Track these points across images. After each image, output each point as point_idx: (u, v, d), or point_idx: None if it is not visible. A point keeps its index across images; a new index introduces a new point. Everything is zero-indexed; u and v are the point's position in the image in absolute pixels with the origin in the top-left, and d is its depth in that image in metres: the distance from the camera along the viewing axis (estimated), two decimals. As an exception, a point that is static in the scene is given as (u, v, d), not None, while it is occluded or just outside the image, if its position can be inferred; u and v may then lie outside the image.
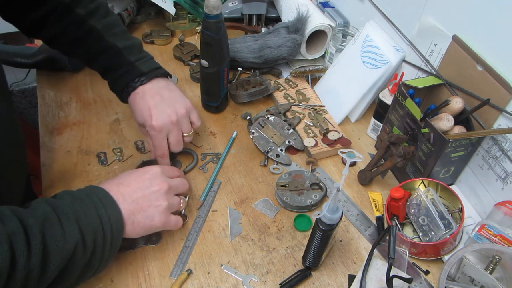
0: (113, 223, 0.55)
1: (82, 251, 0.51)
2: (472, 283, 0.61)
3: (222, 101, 0.91)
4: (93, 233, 0.52)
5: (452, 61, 0.71)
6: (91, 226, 0.52)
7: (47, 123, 0.88)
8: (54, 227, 0.49)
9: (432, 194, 0.69)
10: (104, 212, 0.55)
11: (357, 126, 0.91)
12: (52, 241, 0.48)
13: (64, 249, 0.49)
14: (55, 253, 0.48)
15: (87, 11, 0.72)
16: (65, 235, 0.49)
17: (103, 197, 0.57)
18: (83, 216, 0.52)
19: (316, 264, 0.65)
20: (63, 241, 0.49)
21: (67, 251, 0.49)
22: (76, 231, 0.50)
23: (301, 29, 0.95)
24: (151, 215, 0.60)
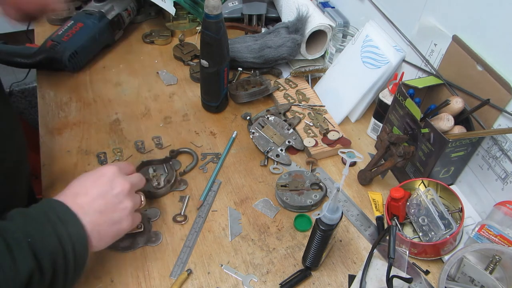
0: (75, 241, 0.49)
1: (39, 279, 0.45)
2: (472, 283, 0.61)
3: (222, 101, 0.91)
4: (52, 256, 0.47)
5: (452, 61, 0.71)
6: (49, 249, 0.46)
7: (47, 123, 0.88)
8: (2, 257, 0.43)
9: (432, 194, 0.69)
10: (64, 230, 0.49)
11: (357, 126, 0.91)
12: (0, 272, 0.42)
13: (15, 281, 0.43)
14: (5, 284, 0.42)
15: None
16: (15, 264, 0.43)
17: (61, 213, 0.50)
18: (38, 239, 0.46)
19: (316, 264, 0.65)
20: (13, 272, 0.43)
21: (19, 282, 0.43)
22: (30, 258, 0.44)
23: (301, 29, 0.95)
24: (118, 220, 0.55)
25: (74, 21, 1.01)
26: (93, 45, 1.02)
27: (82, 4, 1.16)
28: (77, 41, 0.97)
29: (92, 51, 1.03)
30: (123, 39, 1.12)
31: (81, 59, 0.99)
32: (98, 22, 1.02)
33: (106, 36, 1.04)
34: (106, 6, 1.05)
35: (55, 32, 0.99)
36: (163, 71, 1.02)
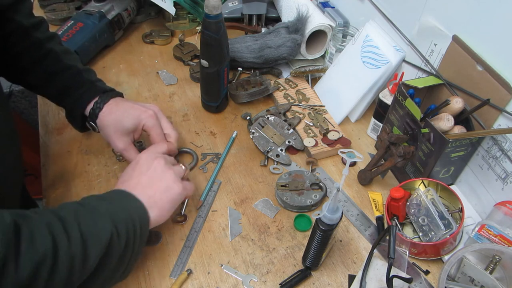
0: (139, 213, 0.57)
1: (117, 240, 0.52)
2: (472, 283, 0.61)
3: (222, 101, 0.91)
4: (125, 223, 0.54)
5: (452, 61, 0.71)
6: (121, 217, 0.54)
7: (47, 123, 0.88)
8: (87, 218, 0.51)
9: (432, 194, 0.69)
10: (129, 205, 0.57)
11: (357, 126, 0.91)
12: (88, 230, 0.49)
13: (100, 237, 0.50)
14: (93, 240, 0.49)
15: (45, 36, 0.74)
16: (98, 224, 0.51)
17: (121, 193, 0.59)
18: (111, 208, 0.54)
19: (316, 264, 0.65)
20: (98, 229, 0.50)
21: (104, 239, 0.50)
22: (108, 221, 0.52)
23: (301, 29, 0.95)
24: (167, 187, 0.62)
25: (74, 21, 1.02)
26: (93, 45, 1.02)
27: (82, 4, 1.17)
28: (77, 41, 0.97)
29: (92, 51, 1.03)
30: (123, 39, 1.12)
31: (81, 59, 0.98)
32: (98, 22, 1.02)
33: (106, 36, 1.04)
34: (106, 6, 1.05)
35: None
36: (163, 71, 1.02)
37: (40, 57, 0.72)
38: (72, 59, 0.76)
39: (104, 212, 0.53)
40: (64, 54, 0.75)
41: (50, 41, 0.74)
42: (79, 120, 0.75)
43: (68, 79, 0.73)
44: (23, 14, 0.71)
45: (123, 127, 0.71)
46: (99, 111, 0.71)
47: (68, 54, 0.76)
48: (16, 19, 0.69)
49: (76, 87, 0.73)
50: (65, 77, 0.73)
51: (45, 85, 0.75)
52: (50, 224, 0.46)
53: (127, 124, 0.71)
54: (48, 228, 0.45)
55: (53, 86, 0.74)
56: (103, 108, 0.71)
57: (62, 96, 0.75)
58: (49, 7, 1.16)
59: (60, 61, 0.73)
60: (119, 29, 1.09)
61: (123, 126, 0.71)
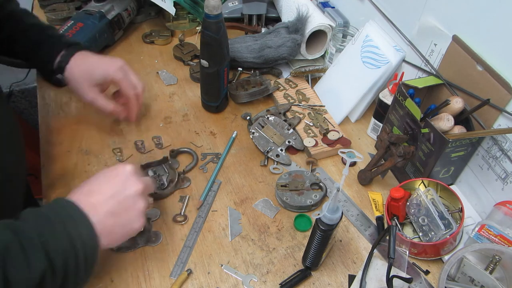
0: (86, 241, 0.49)
1: (51, 279, 0.46)
2: (472, 283, 0.61)
3: (222, 101, 0.91)
4: (63, 256, 0.47)
5: (452, 61, 0.71)
6: (61, 249, 0.47)
7: (47, 123, 0.88)
8: (16, 256, 0.44)
9: (432, 194, 0.69)
10: (75, 231, 0.49)
11: (357, 126, 0.91)
12: (15, 273, 0.43)
13: (28, 279, 0.44)
14: (18, 284, 0.43)
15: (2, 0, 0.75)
16: (29, 264, 0.44)
17: (73, 213, 0.50)
18: (50, 239, 0.47)
19: (316, 264, 0.65)
20: (27, 271, 0.44)
21: (32, 281, 0.44)
22: (42, 258, 0.45)
23: (301, 29, 0.95)
24: (130, 221, 0.55)
25: (74, 21, 1.01)
26: (93, 45, 1.01)
27: (82, 4, 1.16)
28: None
29: (92, 51, 1.01)
30: (123, 39, 1.12)
31: (81, 59, 0.99)
32: (98, 22, 1.02)
33: (106, 36, 1.04)
34: (106, 6, 1.05)
35: (55, 32, 0.99)
36: (163, 71, 1.02)
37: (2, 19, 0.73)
38: (33, 17, 0.77)
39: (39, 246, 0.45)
40: (25, 14, 0.76)
41: (9, 3, 0.75)
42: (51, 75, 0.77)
43: (32, 37, 0.75)
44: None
45: (92, 79, 0.73)
46: (66, 64, 0.73)
47: (29, 14, 0.77)
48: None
49: (42, 42, 0.74)
50: (30, 36, 0.74)
51: (12, 46, 0.76)
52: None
53: (96, 76, 0.73)
54: None
55: (20, 47, 0.75)
56: (70, 61, 0.73)
57: (31, 55, 0.76)
58: (49, 7, 1.16)
59: (23, 22, 0.75)
60: (119, 29, 1.09)
61: (92, 78, 0.73)
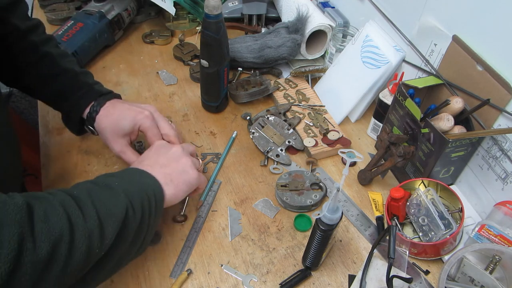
0: (154, 189, 0.58)
1: (133, 215, 0.53)
2: (472, 283, 0.61)
3: (222, 101, 0.91)
4: (139, 198, 0.54)
5: (452, 61, 0.71)
6: (136, 192, 0.55)
7: (47, 123, 0.88)
8: (101, 195, 0.51)
9: (432, 194, 0.69)
10: (143, 180, 0.58)
11: (357, 126, 0.91)
12: (103, 206, 0.50)
13: (116, 213, 0.50)
14: (108, 216, 0.49)
15: (41, 39, 0.74)
16: (113, 201, 0.51)
17: (136, 171, 0.60)
18: (126, 185, 0.55)
19: (316, 264, 0.65)
20: (113, 206, 0.51)
21: (119, 215, 0.51)
22: (123, 196, 0.52)
23: (301, 29, 0.95)
24: (183, 169, 0.63)
25: (74, 21, 1.02)
26: (93, 45, 1.02)
27: (82, 4, 1.17)
28: (77, 41, 0.97)
29: (92, 51, 1.03)
30: (123, 39, 1.12)
31: (81, 59, 0.99)
32: (98, 22, 1.02)
33: (106, 36, 1.04)
34: (106, 6, 1.05)
35: (55, 32, 0.99)
36: (163, 71, 1.02)
37: (35, 60, 0.72)
38: (69, 62, 0.75)
39: (117, 188, 0.53)
40: (61, 57, 0.75)
41: (46, 44, 0.74)
42: (77, 123, 0.75)
43: (65, 82, 0.73)
44: (19, 17, 0.71)
45: (120, 129, 0.71)
46: (96, 114, 0.72)
47: (65, 57, 0.75)
48: (11, 22, 0.69)
49: (73, 90, 0.73)
50: (62, 80, 0.73)
51: (41, 88, 0.74)
52: (64, 203, 0.47)
53: (123, 126, 0.71)
54: (62, 207, 0.46)
55: (49, 89, 0.74)
56: (100, 111, 0.72)
57: (59, 100, 0.75)
58: (49, 7, 1.16)
59: (57, 64, 0.73)
60: (119, 29, 1.09)
61: (119, 128, 0.71)
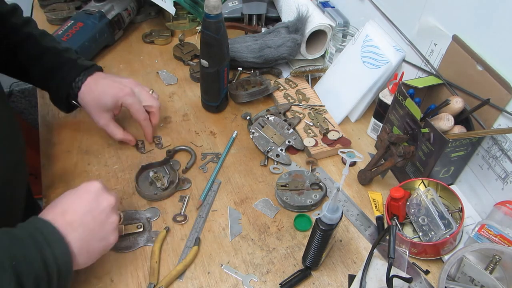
0: (61, 263, 0.49)
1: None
2: (472, 283, 0.61)
3: (222, 101, 0.91)
4: (36, 281, 0.46)
5: (452, 61, 0.71)
6: (33, 273, 0.46)
7: (47, 123, 0.88)
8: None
9: (432, 194, 0.69)
10: (49, 252, 0.48)
11: (357, 126, 0.91)
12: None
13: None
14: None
15: (21, 20, 0.75)
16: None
17: (48, 234, 0.50)
18: (23, 262, 0.46)
19: (316, 264, 0.65)
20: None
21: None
22: (13, 283, 0.44)
23: (301, 29, 0.95)
24: (106, 236, 0.57)
25: (74, 21, 1.01)
26: (93, 45, 1.01)
27: (82, 4, 1.16)
28: (77, 41, 0.97)
29: (92, 51, 1.03)
30: (123, 39, 1.12)
31: (81, 59, 0.99)
32: (98, 22, 1.02)
33: (106, 36, 1.04)
34: (106, 6, 1.05)
35: (55, 32, 0.99)
36: (163, 71, 1.02)
37: (19, 42, 0.73)
38: (51, 40, 0.77)
39: (9, 269, 0.44)
40: (42, 36, 0.76)
41: (27, 25, 0.75)
42: (65, 101, 0.76)
43: (49, 61, 0.74)
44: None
45: (102, 104, 0.74)
46: (78, 90, 0.74)
47: (46, 36, 0.77)
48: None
49: (57, 68, 0.74)
50: (46, 59, 0.74)
51: (28, 69, 0.75)
52: None
53: (105, 102, 0.74)
54: None
55: (35, 70, 0.75)
56: (82, 87, 0.73)
57: (45, 79, 0.76)
58: (49, 7, 1.16)
59: (39, 44, 0.74)
60: (119, 29, 1.09)
61: (102, 104, 0.74)
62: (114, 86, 0.74)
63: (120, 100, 0.74)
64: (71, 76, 0.74)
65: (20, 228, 0.50)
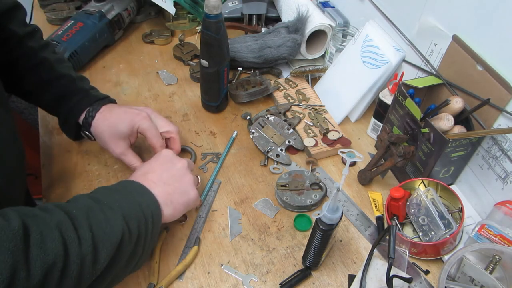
0: (152, 209, 0.57)
1: (128, 238, 0.52)
2: (472, 283, 0.61)
3: (222, 101, 0.91)
4: (137, 220, 0.54)
5: (452, 61, 0.71)
6: (134, 213, 0.54)
7: (47, 123, 0.88)
8: (99, 216, 0.50)
9: (432, 194, 0.69)
10: (142, 199, 0.57)
11: (357, 126, 0.91)
12: (99, 229, 0.49)
13: (112, 237, 0.49)
14: (104, 240, 0.48)
15: (38, 44, 0.74)
16: (110, 223, 0.50)
17: (137, 187, 0.59)
18: (124, 205, 0.54)
19: (316, 264, 0.65)
20: (110, 229, 0.50)
21: (115, 239, 0.50)
22: (120, 219, 0.51)
23: (301, 29, 0.95)
24: (185, 190, 0.63)
25: (74, 21, 1.02)
26: (93, 44, 1.02)
27: (82, 4, 1.17)
28: (77, 41, 0.97)
29: (92, 51, 1.03)
30: (123, 39, 1.12)
31: (81, 59, 0.99)
32: (98, 22, 1.02)
33: (106, 36, 1.04)
34: (106, 6, 1.05)
35: (55, 32, 0.99)
36: (163, 71, 1.02)
37: (33, 66, 0.73)
38: (66, 67, 0.76)
39: (116, 210, 0.52)
40: (58, 62, 0.75)
41: (44, 49, 0.75)
42: (73, 129, 0.76)
43: (61, 87, 0.74)
44: (16, 23, 0.71)
45: (118, 132, 0.71)
46: (92, 119, 0.72)
47: (62, 63, 0.76)
48: (9, 28, 0.69)
49: (70, 96, 0.73)
50: (59, 86, 0.74)
51: (39, 93, 0.75)
52: (61, 224, 0.46)
53: (122, 129, 0.71)
54: (59, 229, 0.45)
55: (46, 95, 0.74)
56: (95, 116, 0.72)
57: (56, 105, 0.75)
58: (49, 7, 1.16)
59: (54, 70, 0.74)
60: (119, 29, 1.09)
61: (118, 131, 0.71)
62: (130, 111, 0.72)
63: (137, 125, 0.71)
64: (83, 105, 0.73)
65: (113, 185, 0.59)
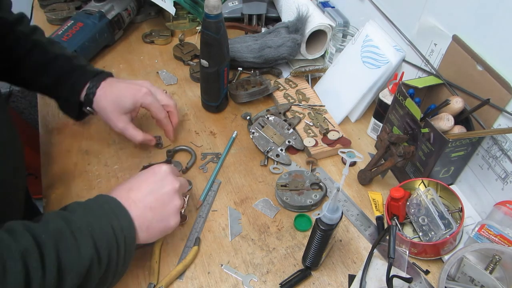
0: (126, 234, 0.53)
1: (97, 266, 0.49)
2: (472, 283, 0.61)
3: (222, 101, 0.91)
4: (108, 246, 0.50)
5: (452, 61, 0.71)
6: (105, 239, 0.50)
7: (47, 123, 0.88)
8: (68, 242, 0.47)
9: (432, 194, 0.69)
10: (117, 223, 0.52)
11: (357, 126, 0.91)
12: (67, 257, 0.46)
13: (79, 265, 0.47)
14: (71, 269, 0.46)
15: (28, 29, 0.75)
16: (80, 251, 0.47)
17: (114, 207, 0.54)
18: (97, 229, 0.50)
19: (316, 264, 0.65)
20: (78, 257, 0.47)
21: (83, 267, 0.47)
22: (91, 246, 0.48)
23: (301, 29, 0.95)
24: (166, 217, 0.59)
25: (74, 21, 1.02)
26: (93, 45, 1.02)
27: (82, 4, 1.17)
28: (77, 41, 0.97)
29: (92, 51, 1.03)
30: (123, 39, 1.12)
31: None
32: (98, 22, 1.02)
33: (106, 36, 1.04)
34: (106, 6, 1.05)
35: (55, 32, 0.99)
36: (163, 71, 1.02)
37: (28, 50, 0.73)
38: (59, 48, 0.76)
39: (87, 235, 0.49)
40: (50, 44, 0.76)
41: (34, 33, 0.75)
42: (76, 107, 0.76)
43: (58, 68, 0.74)
44: (4, 10, 0.71)
45: (121, 107, 0.72)
46: (93, 95, 0.73)
47: (54, 44, 0.77)
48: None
49: (68, 75, 0.74)
50: (56, 67, 0.74)
51: (37, 77, 0.75)
52: (26, 252, 0.43)
53: (125, 104, 0.72)
54: (23, 258, 0.43)
55: (44, 78, 0.74)
56: (96, 92, 0.73)
57: (55, 87, 0.75)
58: (49, 7, 1.16)
59: (48, 52, 0.74)
60: (119, 29, 1.09)
61: (121, 106, 0.72)
62: (131, 87, 0.73)
63: (140, 101, 0.73)
64: (82, 81, 0.73)
65: (90, 201, 0.55)
